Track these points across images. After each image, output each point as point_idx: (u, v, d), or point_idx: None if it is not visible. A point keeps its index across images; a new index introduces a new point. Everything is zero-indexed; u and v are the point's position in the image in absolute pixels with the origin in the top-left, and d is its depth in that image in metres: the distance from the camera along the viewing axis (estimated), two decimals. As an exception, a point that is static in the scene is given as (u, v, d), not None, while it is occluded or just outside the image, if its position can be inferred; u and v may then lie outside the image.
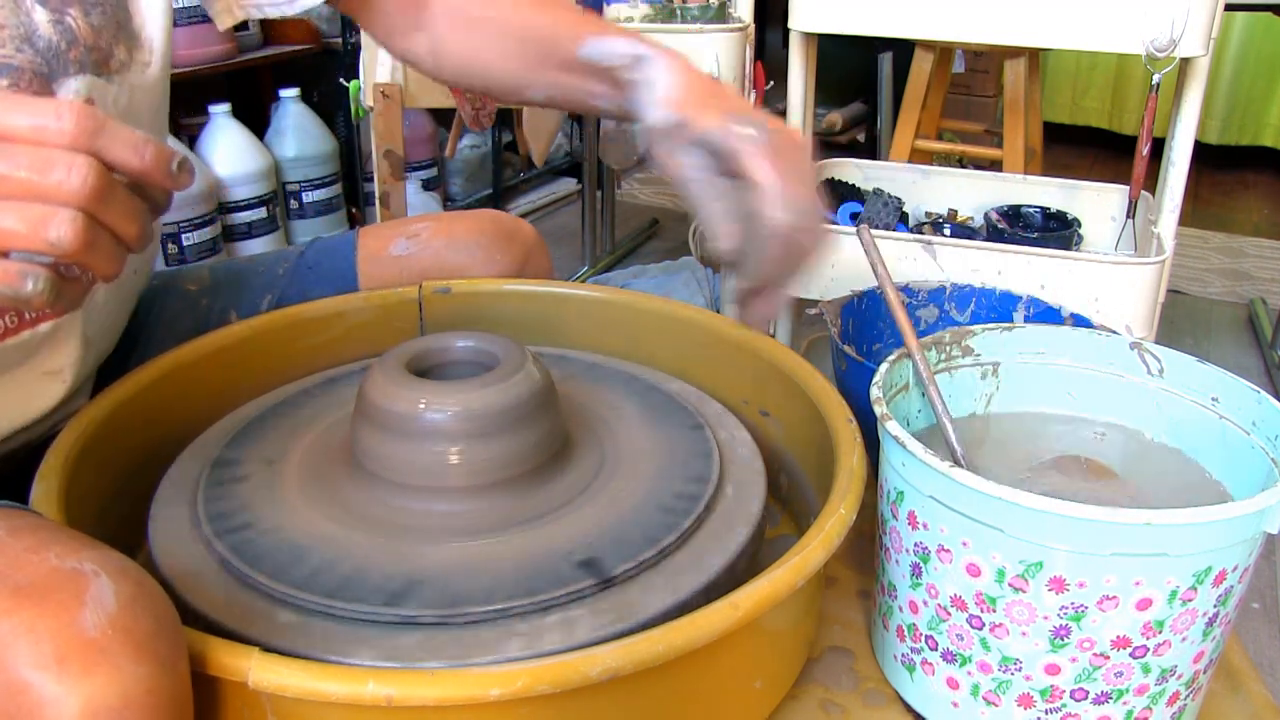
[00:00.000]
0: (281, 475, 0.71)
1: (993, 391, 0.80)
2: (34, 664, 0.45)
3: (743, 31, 1.37)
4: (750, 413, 0.86)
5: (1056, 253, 1.10)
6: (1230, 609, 0.62)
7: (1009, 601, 0.60)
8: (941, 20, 1.16)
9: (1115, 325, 1.08)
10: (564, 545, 0.64)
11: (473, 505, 0.67)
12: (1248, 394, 0.69)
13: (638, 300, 0.94)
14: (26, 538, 0.51)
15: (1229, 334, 2.30)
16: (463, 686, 0.50)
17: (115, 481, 0.73)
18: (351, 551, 0.64)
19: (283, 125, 2.35)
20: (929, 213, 1.43)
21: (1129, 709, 0.62)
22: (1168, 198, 1.17)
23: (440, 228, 0.97)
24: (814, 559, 0.59)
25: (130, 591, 0.48)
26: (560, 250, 2.66)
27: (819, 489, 0.77)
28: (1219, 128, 3.47)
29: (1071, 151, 3.60)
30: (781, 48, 2.06)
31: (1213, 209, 3.18)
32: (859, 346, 1.00)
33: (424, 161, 2.63)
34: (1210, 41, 1.08)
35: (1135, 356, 0.76)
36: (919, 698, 0.68)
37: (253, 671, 0.51)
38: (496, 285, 0.94)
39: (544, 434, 0.69)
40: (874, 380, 0.70)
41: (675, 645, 0.53)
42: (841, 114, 3.15)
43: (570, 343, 0.93)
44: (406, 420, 0.66)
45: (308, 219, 2.40)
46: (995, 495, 0.58)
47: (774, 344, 0.85)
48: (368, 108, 1.45)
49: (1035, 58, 2.18)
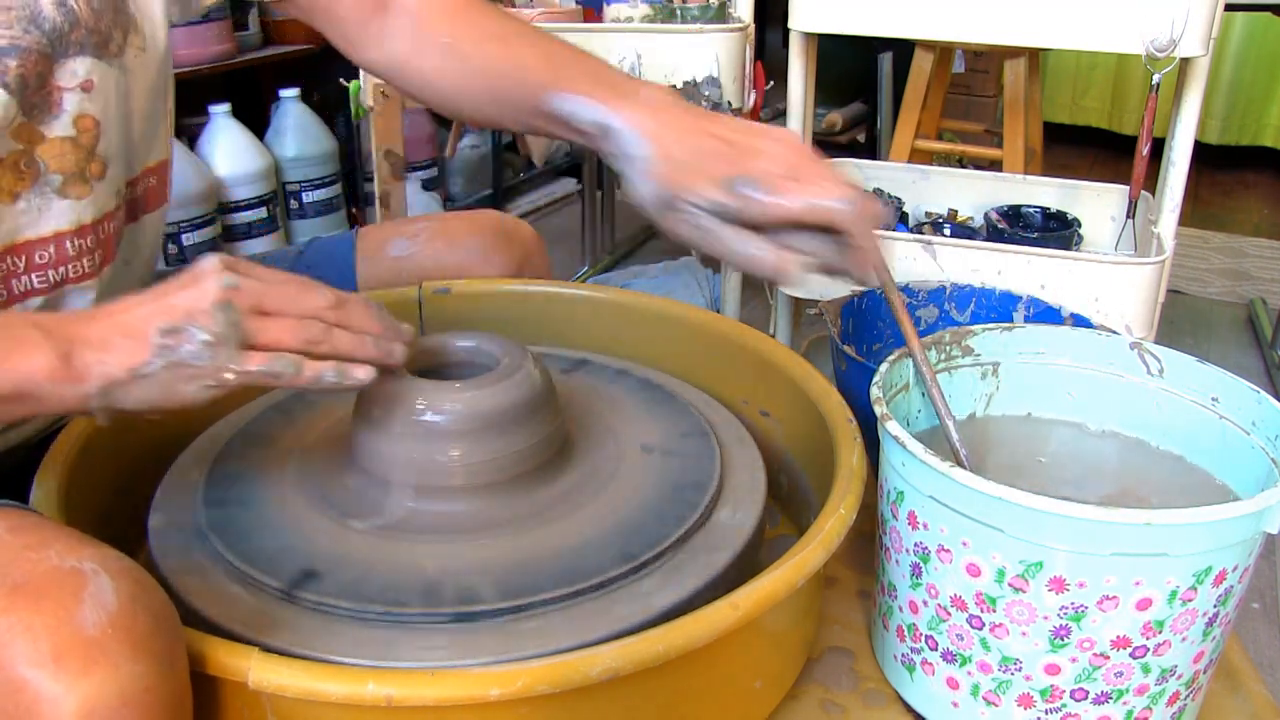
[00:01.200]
0: (282, 475, 0.71)
1: (993, 391, 0.80)
2: (32, 662, 0.45)
3: (743, 31, 1.37)
4: (750, 413, 0.86)
5: (1056, 253, 1.10)
6: (1230, 609, 0.62)
7: (1009, 601, 0.60)
8: (941, 20, 1.16)
9: (1115, 325, 1.08)
10: (564, 546, 0.64)
11: (473, 505, 0.67)
12: (1248, 394, 0.69)
13: (638, 300, 0.94)
14: (27, 536, 0.51)
15: (1229, 334, 2.30)
16: (463, 686, 0.50)
17: (115, 481, 0.73)
18: (352, 552, 0.63)
19: (283, 125, 2.34)
20: (929, 213, 1.43)
21: (1129, 709, 0.62)
22: (1168, 198, 1.17)
23: (439, 228, 0.97)
24: (814, 559, 0.59)
25: (130, 590, 0.48)
26: (560, 250, 2.66)
27: (819, 489, 0.77)
28: (1219, 128, 3.46)
29: (1071, 151, 3.60)
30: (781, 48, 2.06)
31: (1213, 209, 3.18)
32: (859, 346, 1.00)
33: (424, 161, 2.63)
34: (1210, 41, 1.08)
35: (1135, 356, 0.76)
36: (919, 698, 0.68)
37: (253, 671, 0.51)
38: (496, 285, 0.94)
39: (544, 434, 0.69)
40: (874, 380, 0.70)
41: (675, 645, 0.53)
42: (841, 114, 3.15)
43: (570, 343, 0.92)
44: (406, 420, 0.66)
45: (308, 219, 2.40)
46: (995, 495, 0.58)
47: (774, 344, 0.85)
48: (368, 108, 1.45)
49: (1035, 58, 2.18)
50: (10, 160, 0.68)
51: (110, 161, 0.74)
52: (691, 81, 1.35)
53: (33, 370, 0.53)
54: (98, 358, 0.54)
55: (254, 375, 0.56)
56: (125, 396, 0.55)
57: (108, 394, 0.55)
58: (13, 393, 0.53)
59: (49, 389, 0.54)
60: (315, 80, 2.42)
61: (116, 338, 0.55)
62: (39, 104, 0.68)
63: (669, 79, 1.35)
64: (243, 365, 0.56)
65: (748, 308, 1.86)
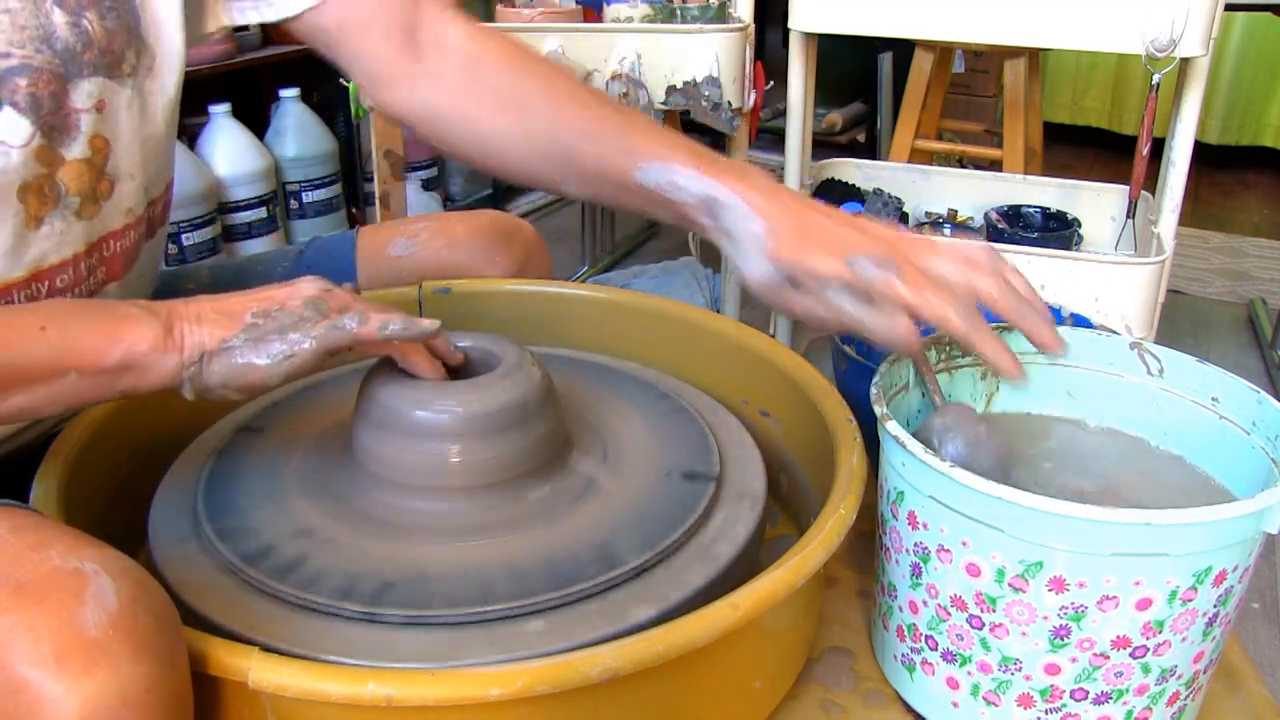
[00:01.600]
0: (282, 475, 0.71)
1: (993, 391, 0.80)
2: (33, 662, 0.45)
3: (743, 31, 1.37)
4: (750, 413, 0.86)
5: (1056, 253, 1.10)
6: (1230, 609, 0.62)
7: (1009, 601, 0.60)
8: (941, 20, 1.16)
9: (1115, 325, 1.08)
10: (565, 545, 0.64)
11: (473, 505, 0.67)
12: (1248, 394, 0.69)
13: (638, 300, 0.94)
14: (28, 536, 0.51)
15: (1229, 334, 2.30)
16: (463, 686, 0.50)
17: (115, 482, 0.73)
18: (352, 552, 0.64)
19: (283, 125, 2.34)
20: (929, 213, 1.43)
21: (1129, 709, 0.62)
22: (1168, 198, 1.17)
23: (440, 227, 0.97)
24: (814, 559, 0.59)
25: (131, 591, 0.49)
26: (560, 250, 2.66)
27: (819, 489, 0.77)
28: (1219, 128, 3.46)
29: (1071, 151, 3.60)
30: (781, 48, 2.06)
31: (1213, 209, 3.18)
32: (859, 346, 1.00)
33: (424, 161, 2.63)
34: (1210, 41, 1.08)
35: (1135, 356, 0.76)
36: (919, 698, 0.68)
37: (252, 671, 0.51)
38: (496, 285, 0.94)
39: (544, 434, 0.69)
40: (874, 380, 0.70)
41: (675, 645, 0.53)
42: (841, 114, 3.15)
43: (570, 343, 0.93)
44: (406, 420, 0.66)
45: (308, 219, 2.40)
46: (995, 495, 0.58)
47: (774, 344, 0.85)
48: (368, 108, 1.45)
49: (1035, 58, 2.18)
50: (35, 184, 0.67)
51: (117, 180, 0.73)
52: (691, 81, 1.35)
53: (140, 340, 0.58)
54: (193, 329, 0.59)
55: (325, 334, 0.60)
56: (210, 371, 0.60)
57: (199, 365, 0.59)
58: (120, 363, 0.58)
59: (153, 359, 0.58)
60: (315, 80, 2.42)
61: (212, 314, 0.60)
62: (58, 126, 0.67)
63: (669, 79, 1.35)
64: (316, 329, 0.60)
65: (748, 308, 1.86)
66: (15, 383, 0.56)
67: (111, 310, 0.59)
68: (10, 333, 0.56)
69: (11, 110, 0.65)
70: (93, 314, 0.59)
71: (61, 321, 0.57)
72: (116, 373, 0.58)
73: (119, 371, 0.58)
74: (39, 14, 0.65)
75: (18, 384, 0.56)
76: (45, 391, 0.57)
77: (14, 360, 0.55)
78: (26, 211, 0.67)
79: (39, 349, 0.56)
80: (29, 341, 0.56)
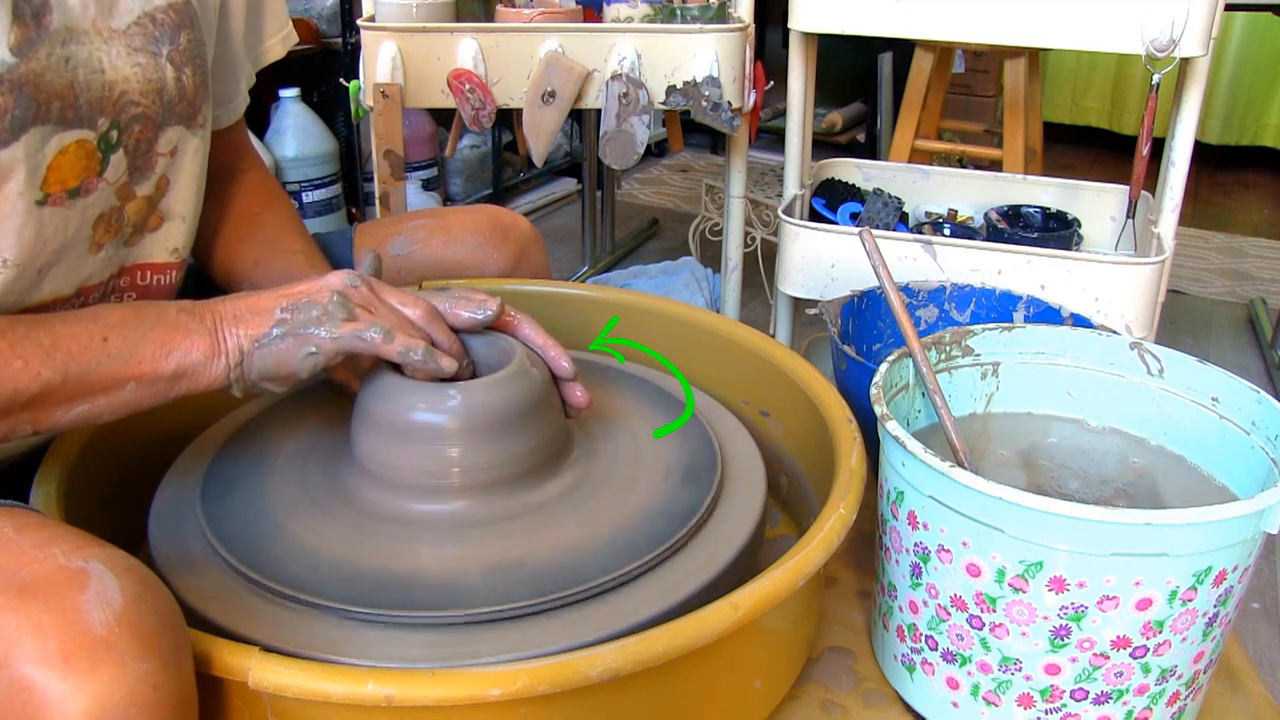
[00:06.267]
0: (281, 475, 0.71)
1: (993, 391, 0.80)
2: (40, 660, 0.45)
3: (743, 31, 1.37)
4: (750, 413, 0.86)
5: (1056, 253, 1.10)
6: (1230, 609, 0.62)
7: (1009, 601, 0.60)
8: (941, 20, 1.16)
9: (1115, 325, 1.08)
10: (564, 546, 0.64)
11: (473, 505, 0.67)
12: (1248, 394, 0.69)
13: (638, 300, 0.94)
14: (33, 535, 0.51)
15: (1229, 334, 2.30)
16: (463, 686, 0.50)
17: (115, 482, 0.73)
18: (351, 551, 0.64)
19: (283, 125, 2.34)
20: (929, 213, 1.43)
21: (1129, 709, 0.62)
22: (1168, 198, 1.17)
23: (437, 225, 0.97)
24: (814, 559, 0.59)
25: (135, 589, 0.49)
26: (560, 250, 2.66)
27: (819, 489, 0.77)
28: (1219, 128, 3.46)
29: (1071, 151, 3.60)
30: (781, 48, 2.06)
31: (1213, 209, 3.18)
32: (859, 346, 1.00)
33: (424, 161, 2.63)
34: (1210, 41, 1.08)
35: (1135, 356, 0.76)
36: (919, 698, 0.68)
37: (253, 671, 0.51)
38: (495, 285, 0.94)
39: (544, 434, 0.69)
40: (874, 380, 0.70)
41: (675, 645, 0.53)
42: (841, 114, 3.15)
43: (570, 343, 0.92)
44: (406, 420, 0.66)
45: (308, 219, 2.40)
46: (995, 495, 0.58)
47: (774, 344, 0.85)
48: (368, 108, 1.45)
49: (1035, 58, 2.18)
50: (107, 215, 0.71)
51: (168, 219, 0.77)
52: (691, 81, 1.34)
53: (191, 349, 0.61)
54: (233, 331, 0.62)
55: (348, 339, 0.63)
56: (250, 368, 0.63)
57: (241, 366, 0.62)
58: (175, 372, 0.61)
59: (205, 366, 0.62)
60: (315, 80, 2.42)
61: (247, 313, 0.63)
62: (140, 167, 0.72)
63: (669, 79, 1.35)
64: (340, 330, 0.62)
65: (748, 308, 1.86)
66: (82, 394, 0.59)
67: (161, 315, 0.62)
68: (73, 344, 0.58)
69: (122, 152, 0.69)
70: (150, 322, 0.61)
71: (120, 331, 0.60)
72: (172, 380, 0.61)
73: (174, 380, 0.61)
74: (159, 69, 0.70)
75: (84, 395, 0.59)
76: (106, 401, 0.60)
77: (85, 374, 0.58)
78: (93, 238, 0.70)
79: (103, 361, 0.59)
80: (93, 354, 0.58)
